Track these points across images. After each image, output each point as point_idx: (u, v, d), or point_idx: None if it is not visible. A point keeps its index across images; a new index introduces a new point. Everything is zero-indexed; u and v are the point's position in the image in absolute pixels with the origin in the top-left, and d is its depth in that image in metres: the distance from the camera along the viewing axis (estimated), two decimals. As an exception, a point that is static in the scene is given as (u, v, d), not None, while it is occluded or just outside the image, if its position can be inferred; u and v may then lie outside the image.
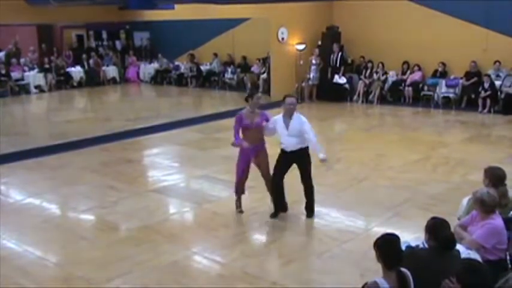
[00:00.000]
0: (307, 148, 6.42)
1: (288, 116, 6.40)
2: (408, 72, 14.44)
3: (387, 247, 3.26)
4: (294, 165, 6.54)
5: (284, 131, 6.38)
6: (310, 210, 6.70)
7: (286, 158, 6.46)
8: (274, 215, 6.64)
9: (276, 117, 6.56)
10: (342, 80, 14.83)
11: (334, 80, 14.84)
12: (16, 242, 6.12)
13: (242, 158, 6.77)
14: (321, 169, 8.62)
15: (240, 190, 6.88)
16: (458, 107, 13.39)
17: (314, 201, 6.70)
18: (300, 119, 6.37)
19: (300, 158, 6.44)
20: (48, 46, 20.16)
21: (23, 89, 17.75)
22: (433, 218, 3.66)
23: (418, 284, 3.25)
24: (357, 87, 14.83)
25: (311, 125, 6.41)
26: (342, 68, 14.90)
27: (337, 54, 14.85)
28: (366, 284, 3.23)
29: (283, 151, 6.50)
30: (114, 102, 17.94)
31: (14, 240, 6.18)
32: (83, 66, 19.54)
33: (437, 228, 3.55)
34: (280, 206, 6.70)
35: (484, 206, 4.04)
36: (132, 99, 18.25)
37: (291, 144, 6.36)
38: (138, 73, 20.67)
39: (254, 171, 8.59)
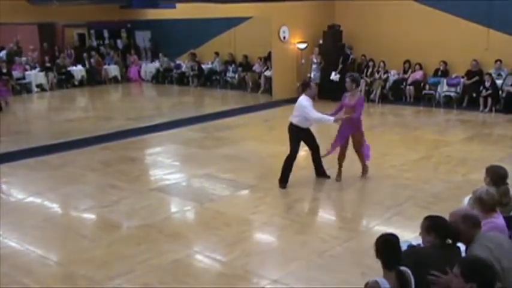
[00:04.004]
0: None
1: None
2: (409, 71, 14.43)
3: (386, 247, 3.26)
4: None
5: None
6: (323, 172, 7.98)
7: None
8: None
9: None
10: (336, 78, 14.77)
11: (330, 77, 14.84)
12: (17, 241, 6.13)
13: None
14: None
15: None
16: (459, 106, 13.37)
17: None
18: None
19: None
20: (49, 45, 20.19)
21: (25, 88, 17.78)
22: (430, 217, 3.65)
23: (420, 282, 3.26)
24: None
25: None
26: (340, 66, 14.89)
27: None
28: (367, 283, 3.24)
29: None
30: (116, 101, 17.97)
31: (15, 239, 6.19)
32: (84, 65, 19.56)
33: (440, 225, 3.56)
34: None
35: (483, 205, 4.04)
36: (133, 98, 18.28)
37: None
38: (139, 72, 20.69)
39: (256, 170, 8.62)
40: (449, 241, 3.55)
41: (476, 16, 13.24)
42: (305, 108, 7.34)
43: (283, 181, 7.63)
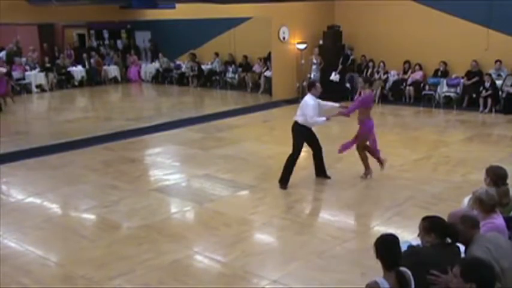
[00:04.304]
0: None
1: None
2: (409, 71, 14.44)
3: (386, 248, 3.26)
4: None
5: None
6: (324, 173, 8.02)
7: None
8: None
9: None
10: (336, 78, 14.81)
11: (330, 78, 14.88)
12: (17, 241, 6.13)
13: None
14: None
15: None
16: (459, 107, 13.38)
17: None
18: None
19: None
20: (49, 45, 20.18)
21: (24, 89, 17.78)
22: (428, 218, 3.66)
23: (421, 282, 3.26)
24: (358, 87, 14.80)
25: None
26: (340, 67, 14.92)
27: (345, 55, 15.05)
28: (367, 285, 3.24)
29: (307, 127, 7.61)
30: (116, 101, 17.96)
31: (15, 239, 6.19)
32: (84, 65, 19.56)
33: (439, 225, 3.56)
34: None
35: (482, 205, 4.04)
36: (133, 99, 18.29)
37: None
38: (139, 72, 20.69)
39: (255, 170, 8.62)
40: (449, 240, 3.56)
41: (476, 16, 13.24)
42: (308, 107, 7.40)
43: (284, 182, 7.63)
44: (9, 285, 5.09)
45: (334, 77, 14.76)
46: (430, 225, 3.56)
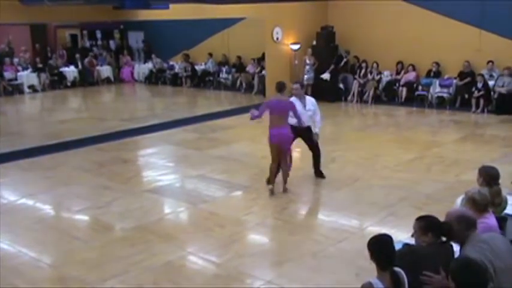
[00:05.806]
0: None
1: (300, 98, 7.75)
2: (402, 72, 14.49)
3: (380, 248, 3.26)
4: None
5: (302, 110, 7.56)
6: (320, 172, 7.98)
7: (296, 133, 7.56)
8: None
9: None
10: (327, 76, 14.85)
11: (320, 76, 14.92)
12: (10, 243, 6.10)
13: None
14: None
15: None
16: (452, 107, 13.45)
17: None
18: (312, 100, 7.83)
19: (307, 132, 7.70)
20: (41, 46, 20.09)
21: (17, 89, 17.68)
22: (423, 217, 3.67)
23: (417, 280, 3.27)
24: (352, 87, 14.87)
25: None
26: (332, 66, 14.95)
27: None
28: (362, 286, 3.24)
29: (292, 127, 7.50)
30: (109, 102, 17.90)
31: (8, 241, 6.15)
32: (76, 66, 19.48)
33: (435, 224, 3.58)
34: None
35: (475, 205, 4.06)
36: (126, 99, 18.23)
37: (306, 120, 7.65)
38: (132, 73, 20.63)
39: (249, 171, 8.61)
40: (443, 239, 3.59)
41: (469, 17, 13.31)
42: None
43: (270, 180, 7.61)
44: (2, 286, 5.05)
45: (325, 75, 14.81)
46: (427, 224, 3.57)
